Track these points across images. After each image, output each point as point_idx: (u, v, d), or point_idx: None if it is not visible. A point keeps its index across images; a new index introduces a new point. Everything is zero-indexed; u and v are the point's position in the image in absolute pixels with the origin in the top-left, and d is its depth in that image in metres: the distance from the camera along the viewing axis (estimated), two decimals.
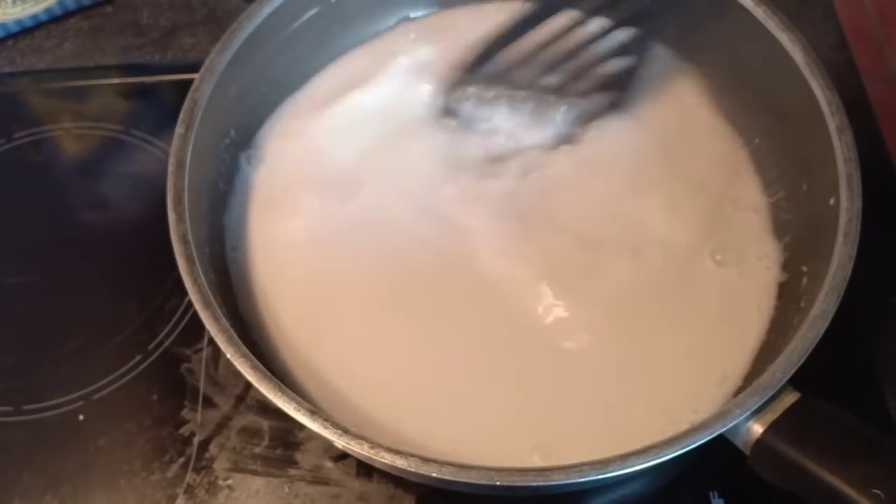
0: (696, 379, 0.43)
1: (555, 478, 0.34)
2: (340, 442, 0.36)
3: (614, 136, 0.51)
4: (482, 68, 0.50)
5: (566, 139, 0.50)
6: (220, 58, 0.47)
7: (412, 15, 0.56)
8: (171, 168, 0.43)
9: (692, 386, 0.43)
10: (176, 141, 0.44)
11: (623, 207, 0.48)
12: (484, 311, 0.46)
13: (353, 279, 0.47)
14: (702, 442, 0.35)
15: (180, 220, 0.42)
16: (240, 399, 0.48)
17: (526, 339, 0.45)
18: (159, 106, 0.60)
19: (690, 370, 0.43)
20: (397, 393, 0.44)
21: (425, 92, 0.53)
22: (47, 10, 0.65)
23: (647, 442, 0.35)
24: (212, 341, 0.47)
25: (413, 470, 0.35)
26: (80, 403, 0.49)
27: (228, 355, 0.38)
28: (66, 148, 0.59)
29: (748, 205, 0.48)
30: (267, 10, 0.49)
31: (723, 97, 0.52)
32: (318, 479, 0.46)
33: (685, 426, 0.37)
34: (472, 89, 0.50)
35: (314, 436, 0.45)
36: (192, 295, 0.40)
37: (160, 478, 0.47)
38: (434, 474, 0.35)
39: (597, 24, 0.50)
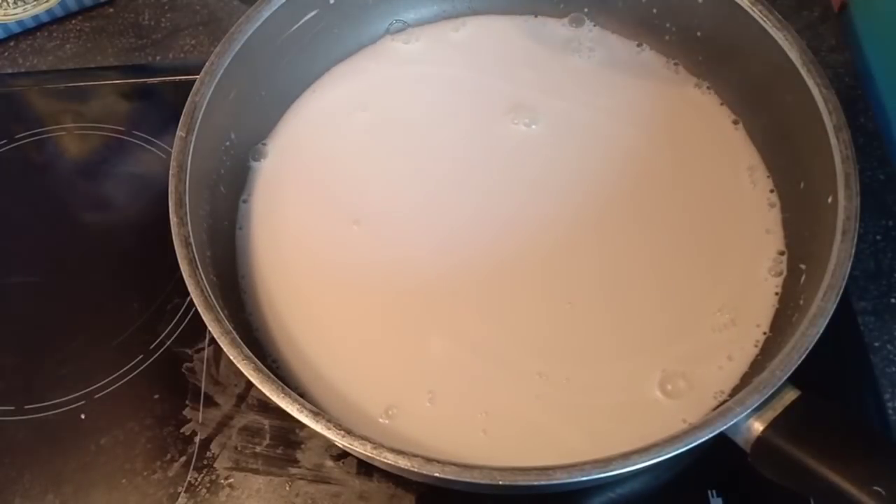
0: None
1: (556, 476, 0.34)
2: (343, 442, 0.36)
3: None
4: None
5: None
6: (220, 61, 0.47)
7: (410, 18, 0.57)
8: (172, 171, 0.43)
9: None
10: (177, 144, 0.44)
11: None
12: (490, 313, 0.46)
13: (357, 279, 0.47)
14: (703, 440, 0.35)
15: (182, 223, 0.42)
16: (241, 398, 0.48)
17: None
18: (160, 107, 0.60)
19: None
20: (400, 393, 0.44)
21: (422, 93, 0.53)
22: (49, 12, 0.66)
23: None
24: (213, 341, 0.47)
25: (416, 470, 0.35)
26: (81, 403, 0.49)
27: (232, 357, 0.38)
28: (68, 148, 0.59)
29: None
30: (266, 13, 0.49)
31: (720, 97, 0.52)
32: (318, 478, 0.46)
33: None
34: None
35: (315, 435, 0.45)
36: (195, 298, 0.40)
37: (162, 476, 0.47)
38: (437, 474, 0.35)
39: None
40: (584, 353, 0.44)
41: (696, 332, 0.44)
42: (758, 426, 0.36)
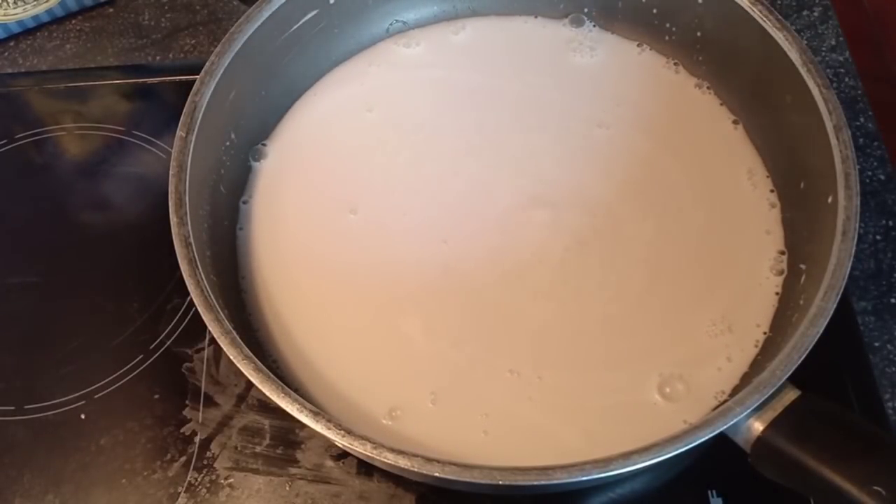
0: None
1: (556, 476, 0.34)
2: (343, 442, 0.36)
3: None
4: None
5: None
6: (220, 60, 0.47)
7: (410, 19, 0.57)
8: (172, 171, 0.43)
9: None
10: (177, 144, 0.44)
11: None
12: (490, 316, 0.46)
13: (358, 279, 0.47)
14: (703, 440, 0.35)
15: (182, 223, 0.42)
16: (241, 398, 0.48)
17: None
18: (160, 107, 0.60)
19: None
20: (404, 394, 0.44)
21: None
22: (49, 11, 0.66)
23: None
24: (213, 341, 0.47)
25: (416, 470, 0.35)
26: (81, 403, 0.49)
27: (232, 357, 0.38)
28: (68, 148, 0.59)
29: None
30: (266, 13, 0.49)
31: (719, 97, 0.52)
32: (318, 478, 0.46)
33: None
34: None
35: (315, 435, 0.45)
36: (195, 298, 0.40)
37: (162, 476, 0.47)
38: (437, 474, 0.35)
39: None
40: (583, 357, 0.44)
41: (695, 333, 0.44)
42: (758, 426, 0.36)
